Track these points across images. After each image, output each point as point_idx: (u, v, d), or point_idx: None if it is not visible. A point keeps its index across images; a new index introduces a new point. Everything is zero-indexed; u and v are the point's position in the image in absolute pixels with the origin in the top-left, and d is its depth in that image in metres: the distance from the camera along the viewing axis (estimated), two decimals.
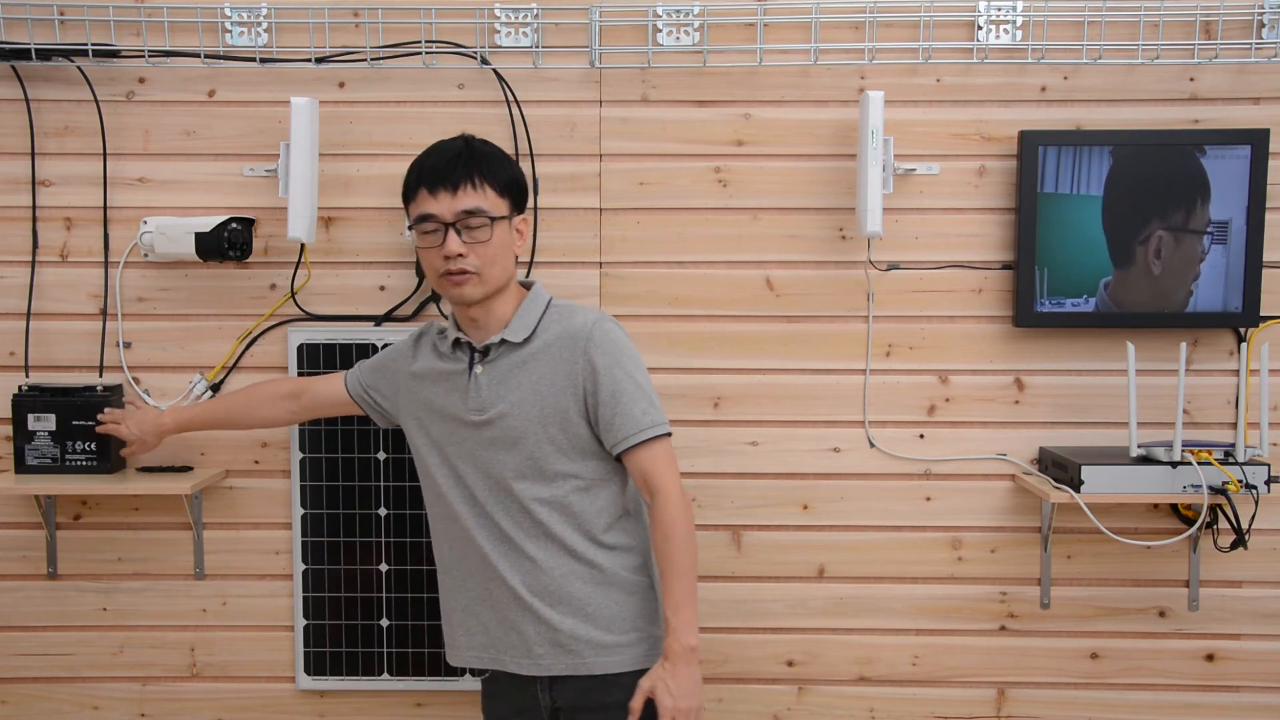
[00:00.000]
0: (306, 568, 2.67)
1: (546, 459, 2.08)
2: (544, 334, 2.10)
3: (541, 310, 2.13)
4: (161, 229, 2.58)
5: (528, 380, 2.08)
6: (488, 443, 2.09)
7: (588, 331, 2.07)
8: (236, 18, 2.59)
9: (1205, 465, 2.46)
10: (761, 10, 2.59)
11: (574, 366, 2.07)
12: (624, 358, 2.08)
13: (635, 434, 2.05)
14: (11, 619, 2.72)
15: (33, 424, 2.59)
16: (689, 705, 1.97)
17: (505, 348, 2.10)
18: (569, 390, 2.07)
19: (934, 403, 2.67)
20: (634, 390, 2.06)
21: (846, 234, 2.64)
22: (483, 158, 2.08)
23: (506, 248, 2.09)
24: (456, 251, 2.04)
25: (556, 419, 2.07)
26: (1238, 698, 2.70)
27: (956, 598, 2.70)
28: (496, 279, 2.08)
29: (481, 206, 2.05)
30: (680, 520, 2.04)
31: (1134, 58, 2.59)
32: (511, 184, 2.10)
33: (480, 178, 2.05)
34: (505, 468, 2.08)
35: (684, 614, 2.00)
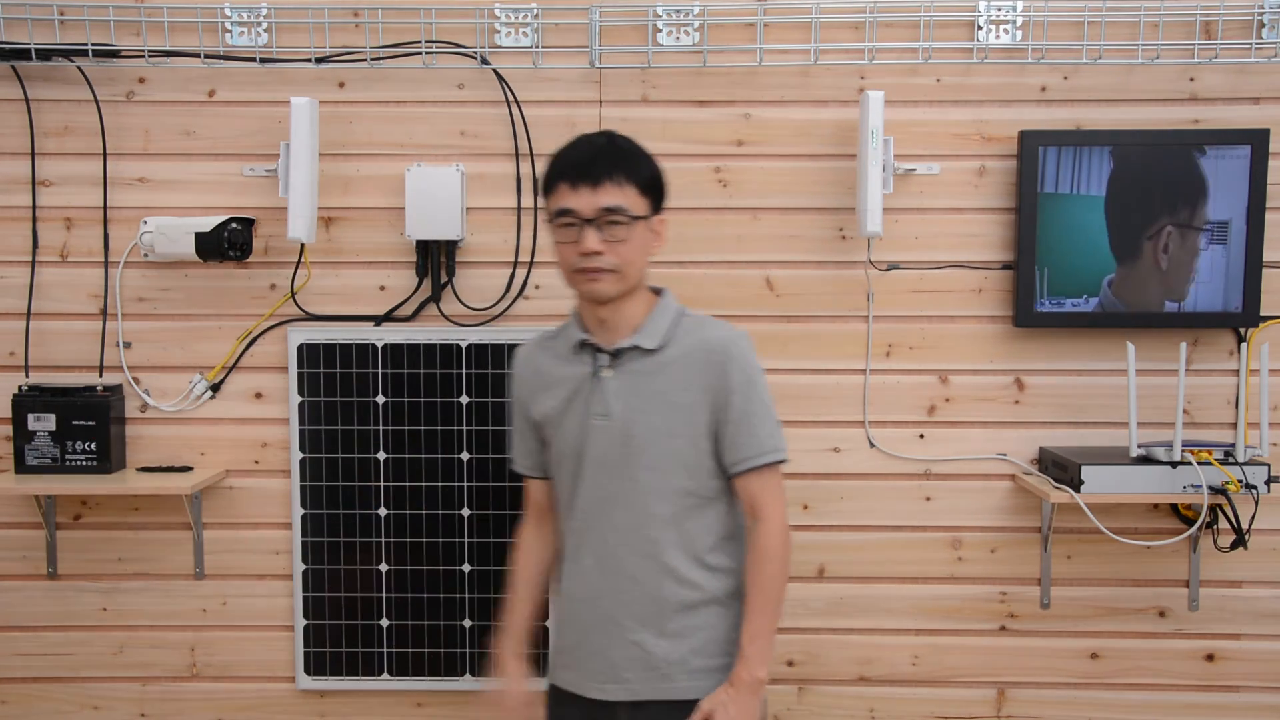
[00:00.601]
0: (306, 568, 2.67)
1: (669, 472, 2.01)
2: (678, 343, 2.02)
3: (673, 318, 2.05)
4: (161, 229, 2.58)
5: (659, 390, 2.00)
6: (610, 450, 2.02)
7: (726, 346, 2.00)
8: (236, 18, 2.59)
9: (1205, 465, 2.46)
10: (761, 10, 2.59)
11: (709, 380, 1.99)
12: (759, 377, 2.02)
13: (758, 456, 1.99)
14: (11, 619, 2.72)
15: (33, 424, 2.59)
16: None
17: (636, 353, 2.01)
18: (703, 404, 2.00)
19: (934, 403, 2.67)
20: (764, 412, 2.01)
21: (846, 234, 2.64)
22: (626, 154, 2.00)
23: (644, 248, 2.00)
24: (594, 249, 1.95)
25: (686, 432, 2.00)
26: (1238, 698, 2.70)
27: (956, 598, 2.70)
28: (632, 278, 2.00)
29: (622, 204, 1.96)
30: (780, 551, 2.01)
31: (1134, 58, 2.59)
32: (653, 183, 2.02)
33: (623, 175, 1.98)
34: (624, 477, 2.01)
35: (760, 645, 1.98)
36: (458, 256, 2.64)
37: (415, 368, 2.63)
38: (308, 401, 2.64)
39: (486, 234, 2.65)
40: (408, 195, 2.58)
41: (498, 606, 2.66)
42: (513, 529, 2.65)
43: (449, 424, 2.64)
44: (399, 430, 2.64)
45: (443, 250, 2.63)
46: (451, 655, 2.67)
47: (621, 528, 2.02)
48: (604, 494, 2.03)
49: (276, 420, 2.68)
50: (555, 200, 2.01)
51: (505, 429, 2.64)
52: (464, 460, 2.64)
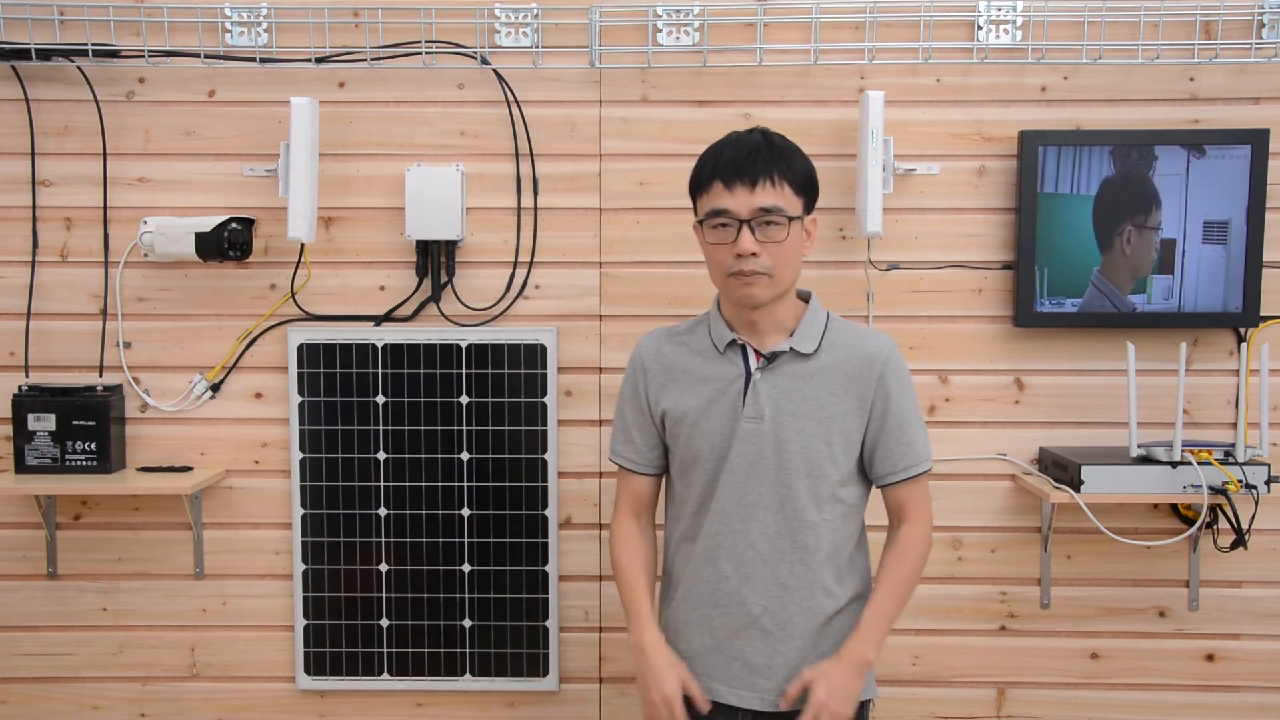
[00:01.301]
0: (306, 568, 2.67)
1: (824, 479, 1.99)
2: (832, 350, 2.01)
3: (824, 324, 2.04)
4: (161, 229, 2.58)
5: (815, 395, 1.99)
6: (760, 454, 1.99)
7: (885, 356, 2.01)
8: (236, 18, 2.59)
9: (1205, 465, 2.46)
10: (761, 10, 2.59)
11: (866, 389, 1.99)
12: (912, 388, 2.05)
13: (914, 465, 2.02)
14: (11, 619, 2.72)
15: (33, 424, 2.59)
16: (838, 708, 1.93)
17: (791, 357, 2.00)
18: (858, 412, 1.99)
19: (934, 403, 2.67)
20: (918, 422, 2.03)
21: (846, 234, 2.64)
22: (781, 152, 1.97)
23: (798, 249, 1.98)
24: (750, 250, 1.92)
25: (841, 439, 1.99)
26: (1238, 698, 2.70)
27: (956, 598, 2.70)
28: (786, 281, 1.98)
29: (779, 205, 1.94)
30: (923, 548, 2.05)
31: (1134, 58, 2.59)
32: (808, 182, 1.99)
33: (779, 174, 1.94)
34: (775, 482, 1.99)
35: (877, 630, 1.98)
36: (458, 256, 2.64)
37: (415, 368, 2.64)
38: (308, 401, 2.64)
39: (486, 234, 2.65)
40: (408, 195, 2.58)
41: (498, 606, 2.67)
42: (512, 529, 2.66)
43: (449, 424, 2.64)
44: (399, 430, 2.64)
45: (443, 250, 2.63)
46: (451, 655, 2.67)
47: (772, 534, 2.00)
48: (751, 498, 2.00)
49: (276, 420, 2.68)
50: (709, 200, 1.97)
51: (505, 429, 2.64)
52: (464, 460, 2.64)
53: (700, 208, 2.00)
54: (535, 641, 2.68)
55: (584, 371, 2.67)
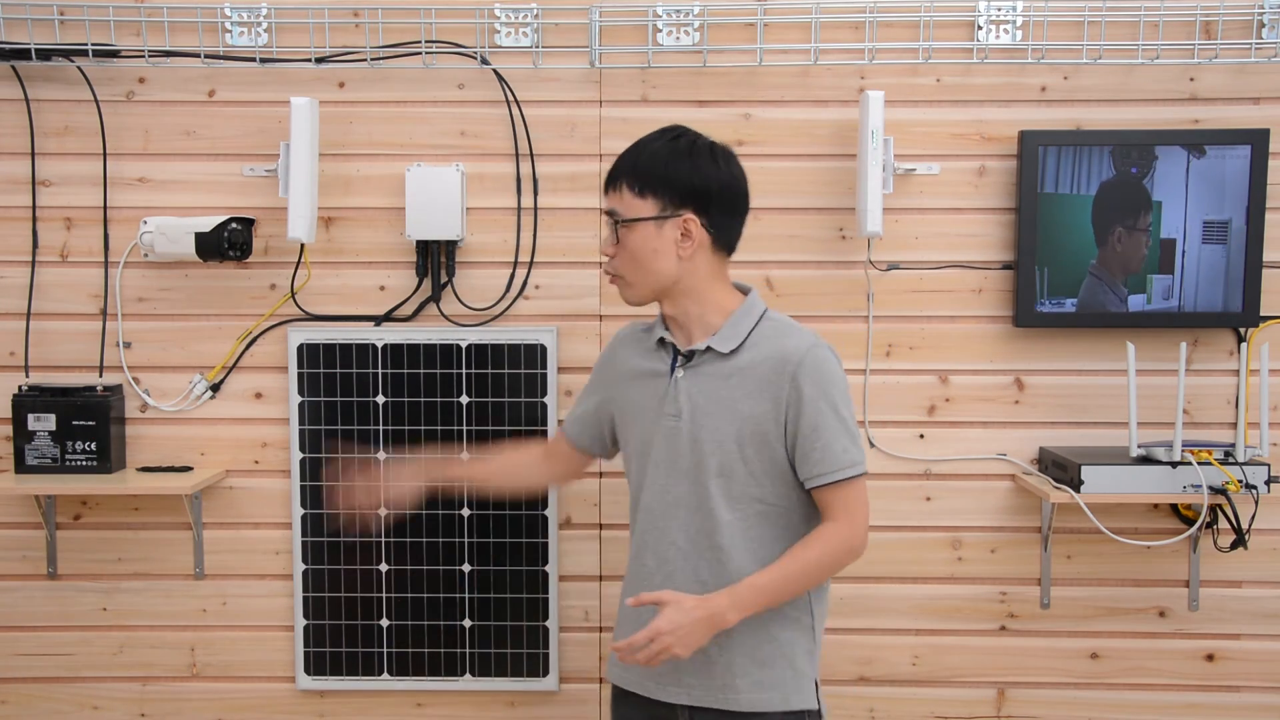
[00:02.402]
0: (306, 568, 2.67)
1: (735, 478, 1.97)
2: (753, 349, 1.98)
3: (754, 322, 2.01)
4: (161, 229, 2.58)
5: (730, 395, 1.97)
6: (678, 452, 2.00)
7: (800, 356, 1.95)
8: (236, 18, 2.59)
9: (1205, 465, 2.46)
10: (761, 10, 2.59)
11: (780, 391, 1.95)
12: (832, 389, 1.96)
13: (832, 472, 1.94)
14: (11, 619, 2.72)
15: (33, 424, 2.59)
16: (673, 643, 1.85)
17: (711, 355, 1.99)
18: (771, 414, 1.95)
19: (934, 403, 2.67)
20: (836, 425, 1.94)
21: (846, 234, 2.64)
22: (635, 156, 1.99)
23: (648, 250, 1.97)
24: (604, 252, 2.03)
25: (754, 440, 1.96)
26: (1238, 698, 2.70)
27: (956, 598, 2.70)
28: (645, 282, 1.99)
29: (615, 208, 1.99)
30: (835, 544, 1.95)
31: (1134, 58, 2.59)
32: (657, 183, 1.96)
33: (621, 178, 1.98)
34: (692, 480, 1.99)
35: (748, 594, 1.90)
36: (458, 256, 2.64)
37: (415, 368, 2.64)
38: (308, 401, 2.64)
39: (486, 234, 2.65)
40: (408, 195, 2.58)
41: (498, 606, 2.67)
42: (512, 529, 2.66)
43: (449, 424, 2.64)
44: (399, 430, 2.64)
45: (443, 250, 2.63)
46: (451, 655, 2.67)
47: (689, 531, 2.00)
48: (671, 497, 2.01)
49: (276, 420, 2.68)
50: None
51: (505, 429, 2.64)
52: (464, 460, 2.64)
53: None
54: (535, 641, 2.68)
55: (584, 371, 2.66)
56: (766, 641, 1.99)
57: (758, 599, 1.92)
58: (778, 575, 1.93)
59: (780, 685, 2.00)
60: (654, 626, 1.86)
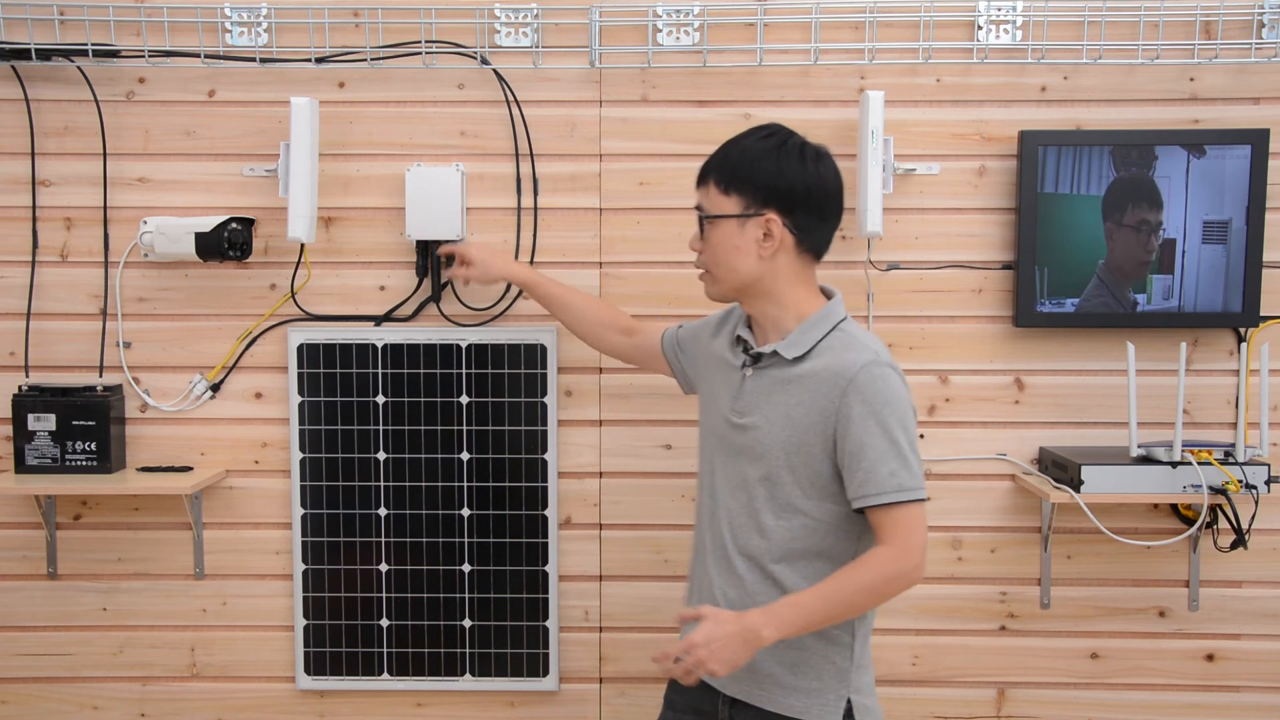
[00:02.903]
0: (306, 568, 2.67)
1: (782, 487, 1.96)
2: (817, 358, 1.96)
3: (826, 330, 1.98)
4: (161, 229, 2.58)
5: (785, 402, 1.96)
6: (737, 449, 2.01)
7: (853, 373, 1.90)
8: (236, 18, 2.59)
9: (1205, 465, 2.46)
10: (761, 10, 2.59)
11: (829, 405, 1.92)
12: (885, 410, 1.89)
13: (876, 495, 1.89)
14: (11, 619, 2.72)
15: (33, 424, 2.59)
16: (705, 657, 1.83)
17: (776, 360, 1.99)
18: (818, 427, 1.93)
19: (934, 403, 2.67)
20: (884, 447, 1.88)
21: (846, 234, 2.64)
22: (726, 153, 2.00)
23: (729, 248, 1.97)
24: (692, 247, 2.06)
25: (801, 451, 1.94)
26: (1238, 698, 2.70)
27: (956, 598, 2.70)
28: (727, 280, 2.00)
29: (702, 204, 2.01)
30: (883, 569, 1.89)
31: (1134, 58, 2.59)
32: (743, 181, 1.96)
33: (710, 175, 2.00)
34: (745, 481, 2.00)
35: (790, 615, 1.86)
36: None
37: (415, 368, 2.64)
38: (308, 401, 2.64)
39: (486, 234, 2.65)
40: (408, 195, 2.58)
41: (498, 606, 2.67)
42: (512, 529, 2.66)
43: (449, 424, 2.64)
44: (399, 430, 2.64)
45: None
46: (451, 655, 2.67)
47: (736, 528, 2.01)
48: (727, 488, 2.04)
49: (276, 420, 2.68)
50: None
51: (505, 429, 2.64)
52: (464, 460, 2.64)
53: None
54: (535, 641, 2.68)
55: (584, 371, 2.67)
56: (797, 648, 1.98)
57: (797, 618, 1.87)
58: (819, 596, 1.89)
59: (803, 694, 1.99)
60: (689, 639, 1.85)
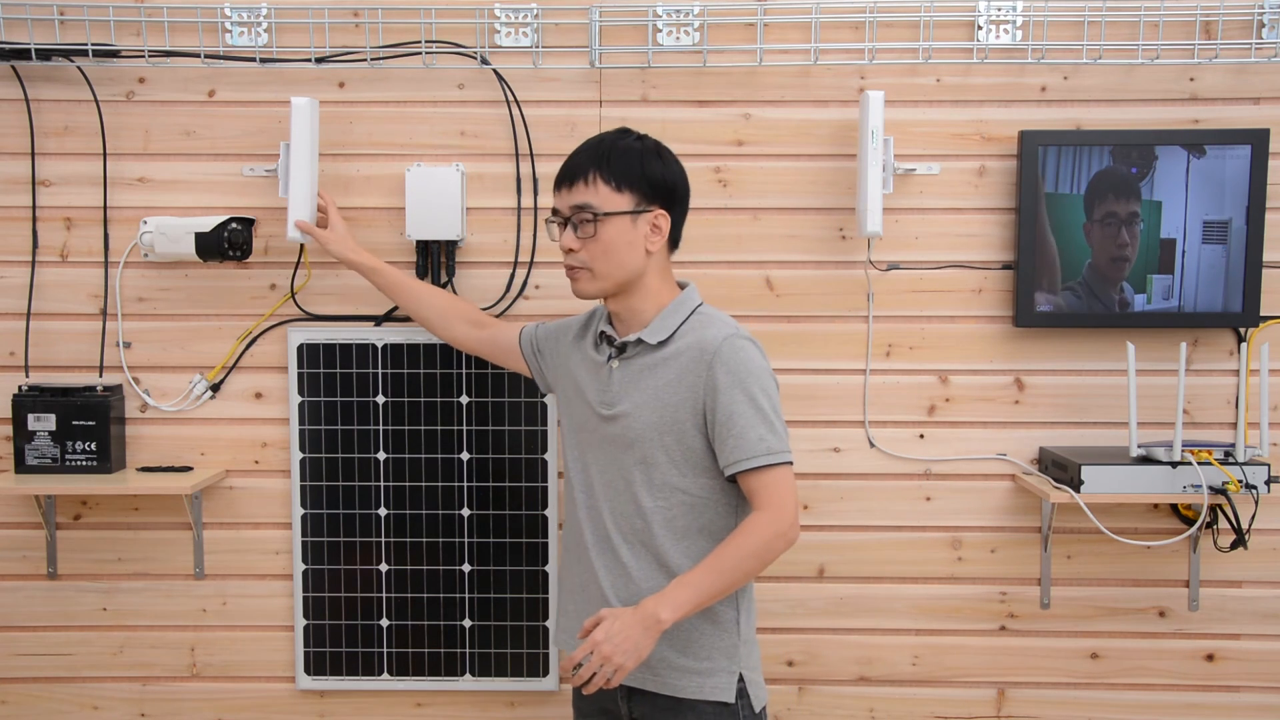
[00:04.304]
0: (306, 568, 2.67)
1: (658, 468, 2.03)
2: (679, 340, 2.05)
3: (685, 315, 2.07)
4: (161, 229, 2.58)
5: (653, 384, 2.04)
6: (609, 440, 2.07)
7: (716, 346, 2.00)
8: (236, 18, 2.59)
9: (1205, 465, 2.46)
10: (761, 10, 2.59)
11: (697, 380, 2.01)
12: (749, 378, 1.99)
13: (747, 459, 1.97)
14: (11, 619, 2.72)
15: (33, 424, 2.59)
16: (610, 652, 1.86)
17: (641, 347, 2.06)
18: (688, 403, 2.01)
19: (934, 403, 2.67)
20: (752, 414, 1.97)
21: (846, 234, 2.64)
22: (608, 152, 2.04)
23: (622, 244, 2.03)
24: (566, 246, 2.05)
25: (673, 429, 2.02)
26: (1238, 698, 2.70)
27: (956, 598, 2.70)
28: (612, 275, 2.04)
29: (589, 202, 2.02)
30: (763, 534, 1.94)
31: (1134, 58, 2.59)
32: (635, 179, 2.03)
33: (596, 173, 2.02)
34: (620, 468, 2.05)
35: (684, 594, 1.90)
36: (458, 256, 2.64)
37: (415, 368, 2.64)
38: (308, 401, 2.64)
39: (486, 234, 2.65)
40: (408, 195, 2.58)
41: (498, 606, 2.67)
42: (512, 529, 2.66)
43: (449, 424, 2.64)
44: (399, 430, 2.64)
45: (443, 250, 2.63)
46: (451, 655, 2.67)
47: (618, 516, 2.07)
48: (604, 479, 2.09)
49: (276, 420, 2.68)
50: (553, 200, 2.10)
51: (505, 429, 2.64)
52: (464, 460, 2.65)
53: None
54: (535, 641, 2.68)
55: None
56: (685, 630, 2.03)
57: (690, 596, 1.91)
58: (707, 570, 1.94)
59: (697, 675, 2.04)
60: (591, 638, 1.90)
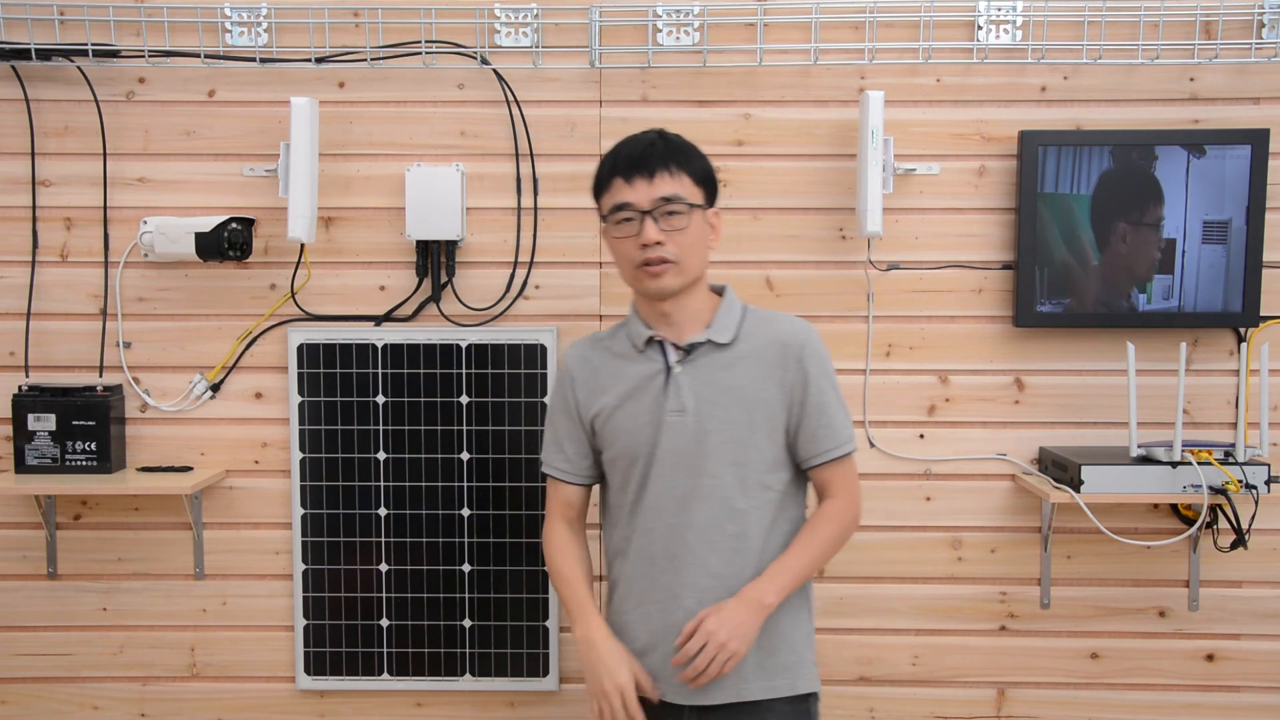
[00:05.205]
0: (306, 568, 2.67)
1: (749, 466, 2.01)
2: (750, 338, 2.04)
3: (740, 314, 2.08)
4: (161, 229, 2.58)
5: (735, 383, 2.01)
6: (686, 446, 2.01)
7: (802, 338, 2.04)
8: (236, 18, 2.59)
9: (1205, 465, 2.46)
10: (761, 10, 2.59)
11: (785, 374, 2.02)
12: (830, 368, 2.06)
13: (836, 447, 2.04)
14: (11, 619, 2.72)
15: (33, 424, 2.59)
16: (725, 639, 1.91)
17: (709, 348, 2.03)
18: (779, 398, 2.02)
19: (934, 403, 2.67)
20: (837, 403, 2.05)
21: (846, 234, 2.64)
22: (678, 147, 2.03)
23: (702, 238, 2.03)
24: (655, 239, 1.97)
25: (765, 425, 2.01)
26: (1238, 698, 2.70)
27: (956, 598, 2.70)
28: (694, 269, 2.02)
29: (679, 193, 1.99)
30: (843, 519, 2.05)
31: (1134, 58, 2.59)
32: (706, 175, 2.04)
33: (677, 165, 2.00)
34: (702, 473, 2.00)
35: (782, 580, 1.98)
36: (458, 256, 2.64)
37: (415, 368, 2.64)
38: (308, 401, 2.64)
39: (486, 234, 2.65)
40: (408, 195, 2.58)
41: (498, 606, 2.67)
42: (512, 529, 2.66)
43: (449, 424, 2.64)
44: (399, 430, 2.64)
45: (443, 250, 2.63)
46: (451, 655, 2.67)
47: (700, 525, 2.01)
48: (680, 491, 2.02)
49: (276, 420, 2.68)
50: (611, 197, 2.01)
51: (505, 429, 2.64)
52: (464, 460, 2.65)
53: (604, 206, 2.04)
54: (535, 641, 2.68)
55: None
56: (770, 629, 2.01)
57: (789, 580, 1.99)
58: (801, 553, 2.01)
59: (787, 671, 2.03)
60: (704, 632, 1.91)
